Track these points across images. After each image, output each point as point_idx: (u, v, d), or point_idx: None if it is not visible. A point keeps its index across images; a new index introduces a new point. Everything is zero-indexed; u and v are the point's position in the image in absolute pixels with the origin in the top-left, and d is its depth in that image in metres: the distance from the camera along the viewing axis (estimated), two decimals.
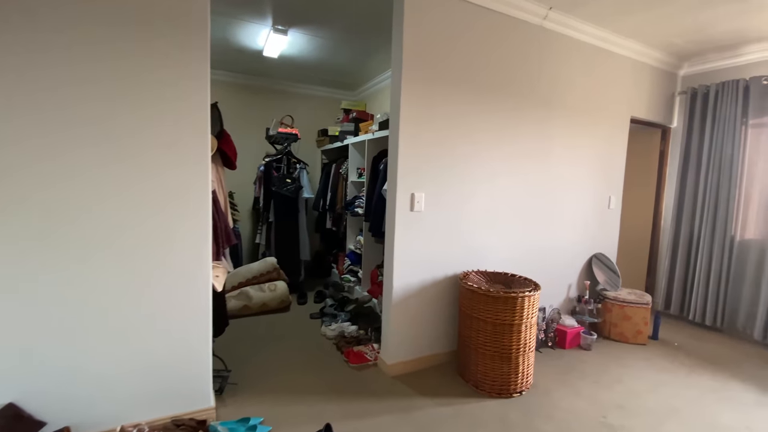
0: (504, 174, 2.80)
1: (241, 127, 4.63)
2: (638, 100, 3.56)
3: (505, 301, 2.21)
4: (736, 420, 2.11)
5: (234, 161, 2.36)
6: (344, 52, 3.76)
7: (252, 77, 4.70)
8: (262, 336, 3.02)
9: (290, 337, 3.01)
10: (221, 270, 2.28)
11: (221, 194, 2.32)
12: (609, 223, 3.55)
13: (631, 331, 3.13)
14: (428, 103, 2.41)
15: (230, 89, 4.65)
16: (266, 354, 2.70)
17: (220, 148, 2.24)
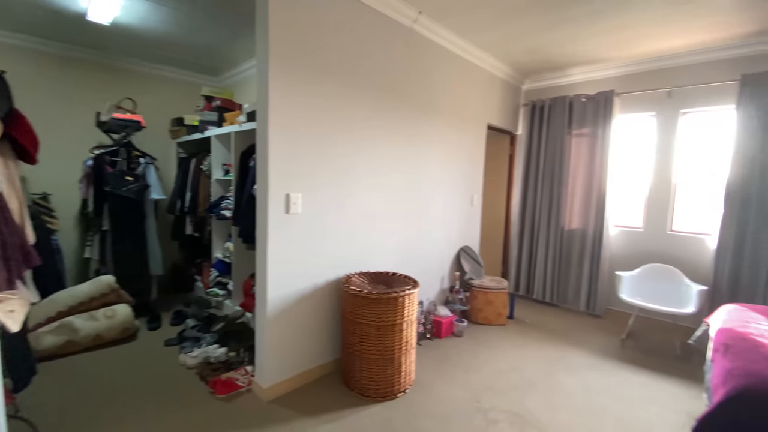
0: (384, 173, 2.77)
1: (61, 111, 3.59)
2: (492, 109, 4.01)
3: (387, 302, 2.16)
4: (577, 383, 2.50)
5: (33, 152, 1.72)
6: (205, 28, 3.22)
7: (79, 48, 3.68)
8: (97, 378, 2.34)
9: (137, 374, 2.41)
10: (17, 302, 1.64)
11: (14, 198, 1.67)
12: (473, 219, 3.92)
13: (493, 314, 3.50)
14: (302, 94, 2.19)
15: (46, 61, 3.54)
16: (102, 401, 2.09)
17: (7, 135, 1.60)
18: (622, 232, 3.84)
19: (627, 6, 2.59)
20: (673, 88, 3.45)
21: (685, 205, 3.55)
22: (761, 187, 2.97)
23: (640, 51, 3.40)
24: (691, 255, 3.41)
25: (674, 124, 3.52)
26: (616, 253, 3.84)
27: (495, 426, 2.02)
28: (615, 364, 2.80)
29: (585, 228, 3.92)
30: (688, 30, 2.94)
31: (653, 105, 3.61)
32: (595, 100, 3.81)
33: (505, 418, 2.08)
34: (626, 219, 3.88)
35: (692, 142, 3.51)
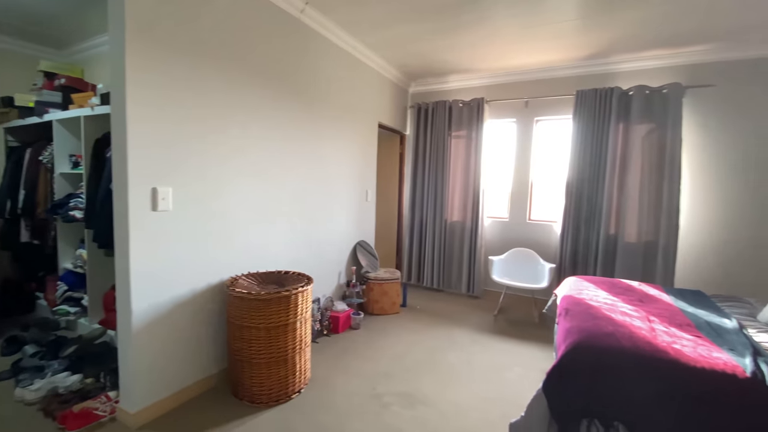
0: (274, 167, 2.64)
1: None
2: (383, 108, 4.17)
3: (278, 301, 2.06)
4: (460, 358, 2.77)
5: None
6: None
7: None
8: None
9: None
10: None
11: None
12: (368, 214, 4.02)
13: (388, 303, 3.65)
14: (175, 77, 1.94)
15: None
16: None
17: None
18: (493, 222, 4.39)
19: (488, 22, 2.95)
20: (529, 98, 4.07)
21: (540, 198, 4.25)
22: (590, 183, 3.71)
23: (503, 65, 3.92)
24: (544, 239, 4.09)
25: (530, 130, 4.17)
26: (489, 240, 4.38)
27: (388, 409, 2.11)
28: (490, 336, 3.19)
29: (464, 220, 4.37)
30: (537, 50, 3.50)
31: (514, 112, 4.21)
32: (470, 105, 4.27)
33: (398, 400, 2.19)
34: (496, 211, 4.45)
35: (544, 146, 4.20)
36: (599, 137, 3.66)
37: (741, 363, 1.41)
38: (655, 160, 3.49)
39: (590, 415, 1.47)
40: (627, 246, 3.57)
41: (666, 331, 1.72)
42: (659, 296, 2.32)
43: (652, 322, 1.84)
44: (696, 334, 1.70)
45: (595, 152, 3.69)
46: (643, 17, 2.78)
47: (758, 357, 1.48)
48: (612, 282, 2.60)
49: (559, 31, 3.06)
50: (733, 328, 1.81)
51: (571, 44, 3.34)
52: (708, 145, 3.43)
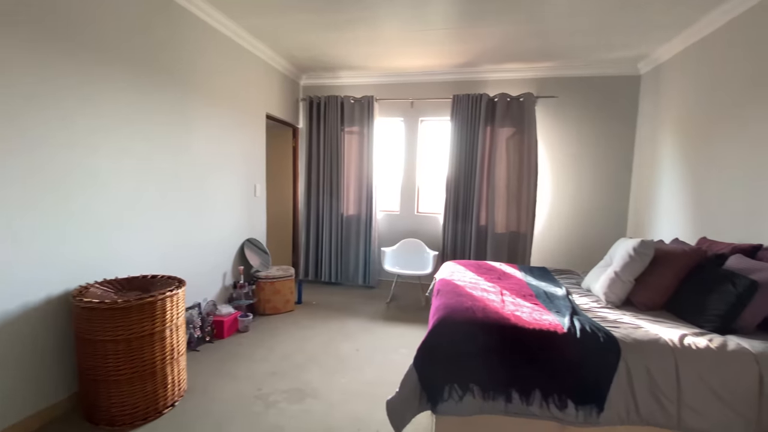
0: (138, 159, 2.33)
1: None
2: (272, 99, 4.02)
3: (140, 309, 1.85)
4: (349, 347, 2.85)
5: None
6: None
7: None
8: None
9: None
10: None
11: None
12: (257, 210, 3.84)
13: (281, 302, 3.56)
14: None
15: None
16: None
17: None
18: (386, 215, 4.61)
19: (372, 22, 3.06)
20: (414, 99, 4.35)
21: (426, 192, 4.59)
22: (465, 179, 4.15)
23: (390, 65, 4.12)
24: (430, 229, 4.45)
25: (416, 129, 4.47)
26: (383, 233, 4.59)
27: (275, 407, 2.07)
28: (381, 323, 3.35)
29: (359, 213, 4.49)
30: (418, 54, 3.76)
31: (401, 112, 4.47)
32: (361, 102, 4.39)
33: (285, 397, 2.16)
34: (389, 204, 4.67)
35: (429, 144, 4.55)
36: (472, 138, 4.11)
37: (561, 322, 1.75)
38: (516, 159, 4.07)
39: (451, 381, 1.66)
40: (496, 235, 4.09)
41: (513, 302, 2.03)
42: (513, 273, 2.73)
43: (504, 295, 2.15)
44: (535, 302, 2.05)
45: (469, 151, 4.13)
46: (501, 33, 3.20)
47: (575, 316, 1.85)
48: (479, 264, 2.96)
49: (435, 37, 3.33)
50: (562, 294, 2.23)
51: (447, 51, 3.67)
52: (556, 147, 4.12)
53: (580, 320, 1.76)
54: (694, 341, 1.60)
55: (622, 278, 2.12)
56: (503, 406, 1.63)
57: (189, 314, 2.77)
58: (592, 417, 1.56)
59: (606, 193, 4.05)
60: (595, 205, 4.08)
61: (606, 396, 1.55)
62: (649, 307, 2.06)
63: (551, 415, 1.59)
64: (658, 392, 1.53)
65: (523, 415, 1.62)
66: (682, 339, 1.61)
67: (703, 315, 1.81)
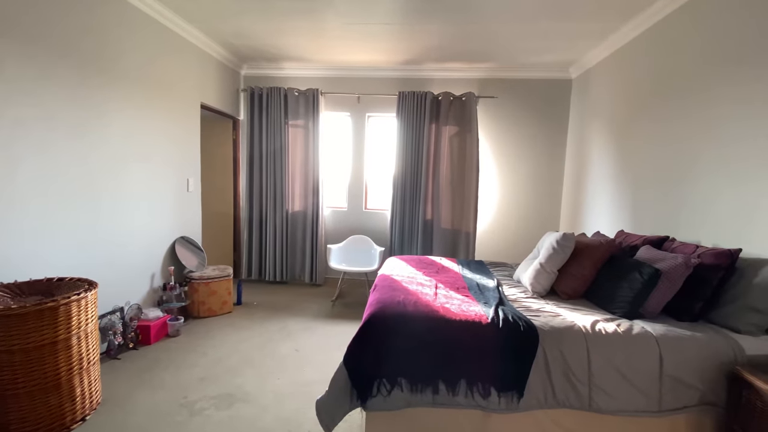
0: (49, 151, 2.08)
1: None
2: (207, 89, 3.79)
3: (38, 315, 1.65)
4: (288, 347, 2.76)
5: None
6: None
7: None
8: None
9: None
10: None
11: None
12: (190, 206, 3.61)
13: (217, 303, 3.38)
14: None
15: None
16: None
17: None
18: (333, 212, 4.54)
19: (314, 14, 2.98)
20: (361, 94, 4.31)
21: (374, 188, 4.58)
22: (411, 176, 4.19)
23: (335, 58, 4.05)
24: (378, 226, 4.45)
25: (363, 125, 4.43)
26: (330, 229, 4.51)
27: (200, 414, 1.95)
28: (325, 322, 3.29)
29: (305, 210, 4.38)
30: (362, 49, 3.72)
31: (349, 107, 4.41)
32: (306, 95, 4.27)
33: (214, 403, 2.05)
34: (336, 201, 4.60)
35: (377, 140, 4.53)
36: (418, 135, 4.16)
37: (487, 312, 1.81)
38: (459, 157, 4.17)
39: (380, 376, 1.65)
40: (441, 230, 4.18)
41: (445, 294, 2.07)
42: (451, 267, 2.80)
43: (438, 288, 2.19)
44: (466, 294, 2.11)
45: (414, 148, 4.18)
46: (441, 33, 3.25)
47: (500, 306, 1.92)
48: (420, 259, 3.00)
49: (378, 32, 3.31)
50: (493, 286, 2.32)
51: (392, 48, 3.67)
52: (497, 146, 4.29)
53: (504, 310, 1.83)
54: (604, 327, 1.71)
55: (546, 269, 2.24)
56: (431, 398, 1.65)
57: (108, 320, 2.54)
58: (513, 403, 1.62)
59: (542, 190, 4.29)
60: (532, 201, 4.30)
61: (525, 382, 1.62)
62: (570, 296, 2.20)
63: (476, 403, 1.63)
64: (572, 376, 1.62)
65: (449, 406, 1.65)
66: (594, 325, 1.73)
67: (614, 302, 1.95)
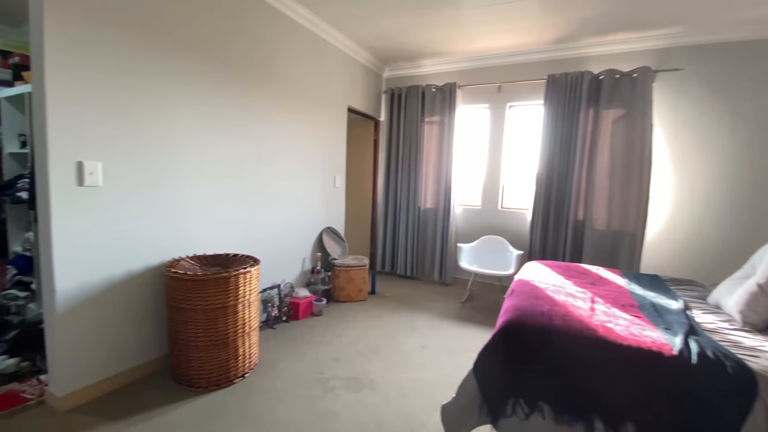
0: (227, 147, 2.55)
1: None
2: (354, 92, 4.08)
3: (216, 282, 2.00)
4: (414, 343, 2.72)
5: None
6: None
7: None
8: None
9: None
10: None
11: None
12: (336, 200, 3.94)
13: (354, 290, 3.60)
14: (100, 46, 1.84)
15: None
16: None
17: None
18: (465, 210, 4.33)
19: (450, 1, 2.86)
20: (502, 83, 3.99)
21: (512, 185, 4.19)
22: (560, 169, 3.66)
23: (474, 47, 3.83)
24: (515, 226, 4.04)
25: (503, 116, 4.09)
26: (462, 228, 4.33)
27: (332, 393, 2.06)
28: (452, 323, 3.15)
29: (437, 207, 4.31)
30: (506, 32, 3.41)
31: (487, 98, 4.13)
32: (442, 90, 4.19)
33: (343, 384, 2.14)
34: (469, 198, 4.39)
35: (517, 132, 4.13)
36: (569, 123, 3.60)
37: (671, 341, 1.37)
38: (624, 146, 3.44)
39: (516, 395, 1.42)
40: (595, 233, 3.53)
41: (606, 311, 1.67)
42: (613, 279, 2.28)
43: (596, 302, 1.79)
44: (636, 314, 1.66)
45: (565, 138, 3.63)
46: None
47: (691, 335, 1.44)
48: (569, 266, 2.55)
49: (524, 10, 2.97)
50: (677, 309, 1.77)
51: (539, 25, 3.25)
52: (678, 132, 3.37)
53: (699, 342, 1.36)
54: None
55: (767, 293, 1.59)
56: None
57: (268, 294, 2.96)
58: None
59: (746, 188, 3.16)
60: (730, 203, 3.21)
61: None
62: None
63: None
64: None
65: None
66: None
67: None
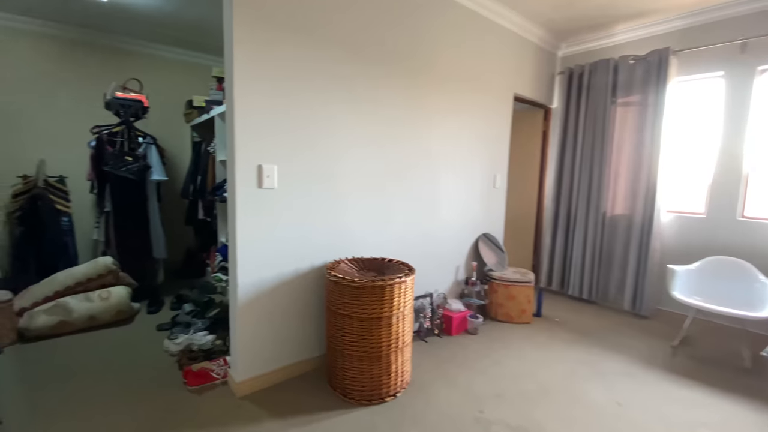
0: (383, 147, 2.45)
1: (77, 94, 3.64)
2: (522, 77, 3.51)
3: (371, 291, 1.85)
4: (605, 395, 2.06)
5: None
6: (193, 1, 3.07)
7: (86, 31, 3.68)
8: (79, 361, 2.26)
9: (120, 358, 2.31)
10: None
11: None
12: (495, 203, 3.47)
13: (515, 310, 3.07)
14: (275, 54, 1.92)
15: (57, 44, 3.57)
16: (74, 388, 1.99)
17: None
18: (677, 219, 3.22)
19: None
20: (748, 39, 2.78)
21: (762, 185, 2.88)
22: None
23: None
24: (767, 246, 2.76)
25: (749, 86, 2.85)
26: (669, 243, 3.24)
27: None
28: (660, 374, 2.30)
29: (631, 214, 3.34)
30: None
31: (721, 63, 2.95)
32: (647, 61, 3.20)
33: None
34: (683, 203, 3.24)
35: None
36: None
37: None
38: None
39: None
40: None
41: None
42: None
43: None
44: None
45: None
46: None
47: None
48: None
49: None
50: None
51: None
52: None
53: None
54: None
55: None
56: None
57: (420, 303, 2.75)
58: None
59: None
60: None
61: None
62: None
63: None
64: None
65: None
66: None
67: None
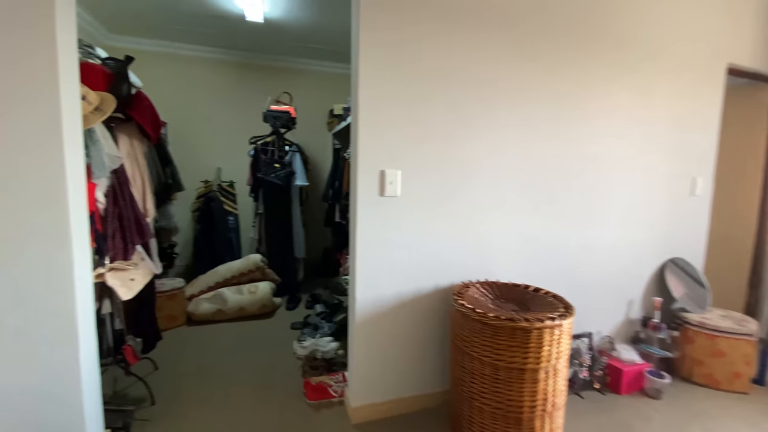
0: (525, 147, 1.98)
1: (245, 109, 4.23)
2: (740, 39, 2.47)
3: (511, 333, 1.43)
4: None
5: (152, 131, 1.83)
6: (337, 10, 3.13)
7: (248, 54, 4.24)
8: (224, 350, 2.51)
9: (256, 354, 2.46)
10: (139, 272, 1.78)
11: (137, 174, 1.81)
12: (693, 217, 2.53)
13: (724, 372, 2.14)
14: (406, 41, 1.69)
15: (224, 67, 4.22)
16: (214, 377, 2.17)
17: (127, 115, 1.73)
18: None
19: None
20: None
21: None
22: None
23: None
24: None
25: None
26: None
27: None
28: None
29: None
30: None
31: None
32: None
33: None
34: None
35: None
36: None
37: None
38: None
39: None
40: None
41: None
42: None
43: None
44: None
45: None
46: None
47: None
48: None
49: None
50: None
51: None
52: None
53: None
54: None
55: None
56: None
57: (576, 345, 2.14)
58: None
59: None
60: None
61: None
62: None
63: None
64: None
65: None
66: None
67: None
